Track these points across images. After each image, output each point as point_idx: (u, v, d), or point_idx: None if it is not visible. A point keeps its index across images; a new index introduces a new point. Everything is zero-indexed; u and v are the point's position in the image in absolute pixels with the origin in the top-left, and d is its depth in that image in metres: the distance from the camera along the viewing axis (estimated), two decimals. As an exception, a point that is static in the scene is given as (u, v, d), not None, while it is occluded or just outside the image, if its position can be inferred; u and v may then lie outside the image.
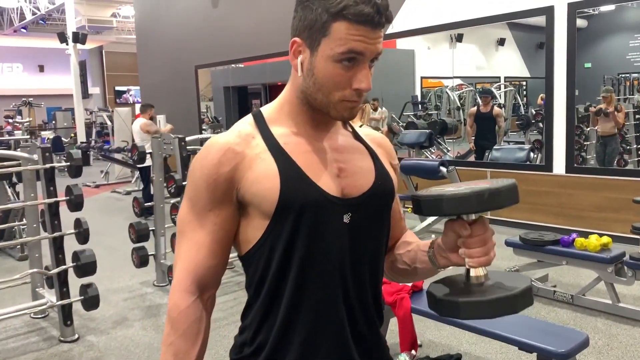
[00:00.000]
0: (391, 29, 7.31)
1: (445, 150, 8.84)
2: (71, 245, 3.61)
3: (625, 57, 6.92)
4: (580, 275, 4.32)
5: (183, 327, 1.03)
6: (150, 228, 4.52)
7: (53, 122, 16.92)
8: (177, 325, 1.03)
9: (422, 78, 9.78)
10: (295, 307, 1.02)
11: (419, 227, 5.95)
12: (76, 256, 3.52)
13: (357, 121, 4.39)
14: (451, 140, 9.01)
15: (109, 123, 13.95)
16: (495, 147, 6.95)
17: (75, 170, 3.52)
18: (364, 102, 4.41)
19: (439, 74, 9.59)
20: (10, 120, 15.00)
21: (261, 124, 1.05)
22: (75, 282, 3.66)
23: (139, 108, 8.47)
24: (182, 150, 4.45)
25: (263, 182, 0.99)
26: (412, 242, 1.20)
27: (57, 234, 3.51)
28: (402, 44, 9.23)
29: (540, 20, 5.84)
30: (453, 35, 8.48)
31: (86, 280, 3.61)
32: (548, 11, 5.69)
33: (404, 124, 9.17)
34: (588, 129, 6.39)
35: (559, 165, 5.80)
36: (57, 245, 3.52)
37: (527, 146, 6.70)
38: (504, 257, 4.44)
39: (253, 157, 1.01)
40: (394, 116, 9.36)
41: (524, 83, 9.28)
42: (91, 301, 3.58)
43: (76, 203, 3.51)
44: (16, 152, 3.86)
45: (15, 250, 5.64)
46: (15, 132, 13.59)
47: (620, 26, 7.03)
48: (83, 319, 3.87)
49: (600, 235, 3.77)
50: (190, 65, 10.80)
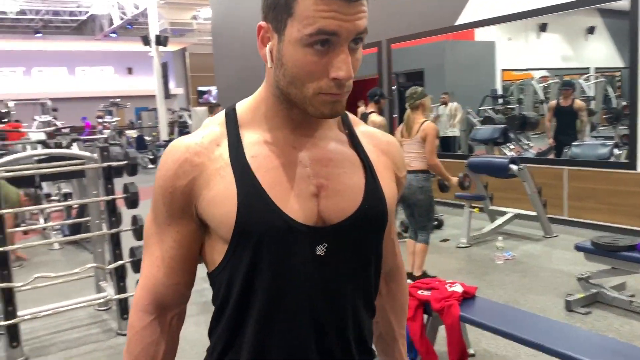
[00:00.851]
0: (468, 18, 7.00)
1: (526, 146, 8.37)
2: (131, 242, 3.72)
3: None
4: (664, 285, 3.92)
5: (137, 350, 0.95)
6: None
7: (139, 122, 17.84)
8: (131, 347, 0.95)
9: (503, 71, 9.33)
10: (261, 346, 0.89)
11: (489, 228, 5.66)
12: (132, 252, 3.62)
13: (421, 117, 4.20)
14: (536, 135, 8.51)
15: (190, 122, 14.50)
16: (574, 143, 6.47)
17: (131, 168, 3.63)
18: (422, 96, 4.20)
19: (522, 66, 9.11)
20: (99, 120, 15.94)
21: (231, 126, 0.91)
22: (134, 277, 3.77)
23: (208, 108, 8.69)
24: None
25: (219, 205, 0.86)
26: (394, 339, 1.14)
27: (114, 230, 3.63)
28: (481, 36, 8.87)
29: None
30: (536, 24, 8.03)
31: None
32: (633, -7, 5.20)
33: (482, 119, 8.79)
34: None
35: (645, 162, 5.30)
36: (115, 241, 3.65)
37: (610, 142, 6.17)
38: (576, 262, 4.11)
39: (212, 173, 0.87)
40: (471, 111, 8.98)
41: (618, 74, 8.62)
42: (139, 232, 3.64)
43: (132, 200, 3.62)
44: (79, 152, 4.04)
45: (91, 244, 5.94)
46: (104, 132, 14.42)
47: None
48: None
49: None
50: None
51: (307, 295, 0.88)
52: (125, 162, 3.63)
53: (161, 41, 14.35)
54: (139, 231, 3.70)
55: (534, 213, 5.58)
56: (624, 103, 6.70)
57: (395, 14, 7.85)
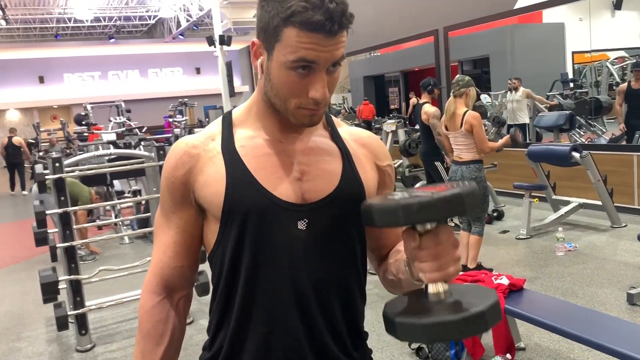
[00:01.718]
0: (532, 0, 6.74)
1: (599, 132, 7.95)
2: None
3: None
4: None
5: (147, 328, 1.04)
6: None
7: (207, 120, 18.42)
8: (142, 325, 1.05)
9: (574, 53, 8.91)
10: (245, 318, 0.98)
11: (551, 219, 5.46)
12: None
13: (463, 106, 4.12)
14: (611, 120, 8.06)
15: (253, 118, 14.80)
16: (646, 128, 6.10)
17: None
18: (468, 85, 4.12)
19: (595, 47, 8.67)
20: (170, 119, 16.59)
21: (226, 125, 1.03)
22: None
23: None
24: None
25: (210, 186, 0.98)
26: (401, 250, 1.07)
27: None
28: (549, 18, 8.53)
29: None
30: (610, 2, 7.65)
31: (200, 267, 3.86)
32: None
33: (549, 105, 8.43)
34: None
35: None
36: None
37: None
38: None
39: (206, 161, 0.99)
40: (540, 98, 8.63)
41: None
42: (203, 287, 3.82)
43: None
44: (138, 152, 4.26)
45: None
46: (175, 131, 15.03)
47: None
48: (200, 304, 4.17)
49: None
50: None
51: (289, 265, 0.96)
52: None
53: (225, 41, 14.71)
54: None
55: (600, 202, 5.33)
56: None
57: (450, 1, 7.68)
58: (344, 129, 1.10)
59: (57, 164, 3.52)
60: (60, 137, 12.86)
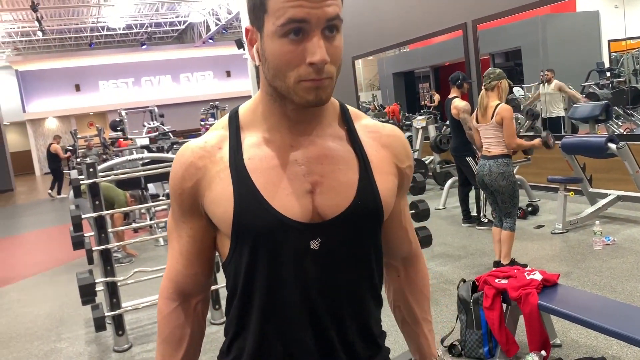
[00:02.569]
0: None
1: (639, 121, 7.70)
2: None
3: None
4: None
5: (166, 333, 1.05)
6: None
7: (237, 123, 18.56)
8: (161, 330, 1.06)
9: (610, 41, 8.66)
10: (263, 335, 0.97)
11: (587, 212, 5.32)
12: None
13: (495, 99, 4.05)
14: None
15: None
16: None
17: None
18: (500, 78, 4.04)
19: (632, 35, 8.39)
20: (202, 122, 16.82)
21: (233, 129, 0.98)
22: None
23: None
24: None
25: (219, 205, 0.94)
26: (417, 322, 1.16)
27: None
28: (583, 6, 8.33)
29: None
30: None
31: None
32: None
33: (585, 95, 8.22)
34: None
35: None
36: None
37: None
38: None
39: (214, 175, 0.94)
40: (572, 89, 8.43)
41: None
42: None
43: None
44: (170, 155, 4.33)
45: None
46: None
47: None
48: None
49: None
50: (347, 57, 11.01)
51: (303, 287, 0.93)
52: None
53: (253, 43, 14.81)
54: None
55: (639, 194, 5.16)
56: None
57: (478, -6, 7.56)
58: (363, 124, 1.03)
59: (91, 169, 3.61)
60: (97, 143, 13.22)
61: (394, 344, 2.90)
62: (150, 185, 7.75)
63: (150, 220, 7.01)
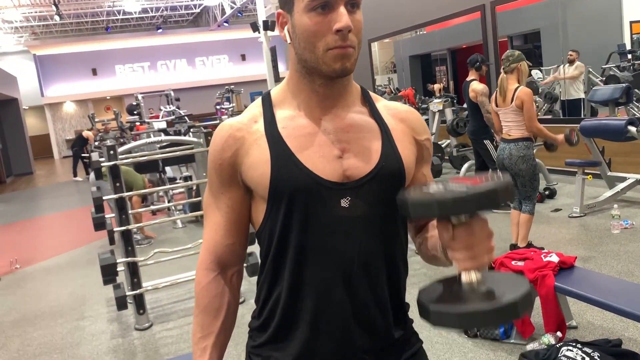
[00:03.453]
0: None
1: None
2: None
3: None
4: None
5: (205, 302, 1.09)
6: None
7: (253, 106, 18.59)
8: (200, 300, 1.10)
9: (632, 23, 8.51)
10: (295, 291, 1.02)
11: (606, 196, 5.28)
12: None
13: (515, 82, 4.02)
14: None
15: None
16: None
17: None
18: (519, 60, 4.00)
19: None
20: (217, 107, 16.88)
21: (267, 107, 1.07)
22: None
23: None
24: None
25: (257, 169, 1.01)
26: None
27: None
28: (605, -14, 8.19)
29: None
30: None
31: (248, 249, 3.97)
32: None
33: (604, 79, 8.10)
34: None
35: None
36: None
37: None
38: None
39: (251, 143, 1.03)
40: (591, 70, 8.31)
41: None
42: (252, 268, 3.92)
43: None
44: (188, 138, 4.38)
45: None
46: (222, 118, 15.28)
47: None
48: (251, 284, 4.28)
49: None
50: (363, 39, 10.92)
51: (333, 242, 1.01)
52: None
53: (269, 26, 14.78)
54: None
55: (659, 178, 5.11)
56: None
57: (497, -25, 7.45)
58: (382, 104, 1.12)
59: (112, 152, 3.67)
60: (114, 127, 13.40)
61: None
62: (167, 168, 7.83)
63: (168, 202, 7.10)
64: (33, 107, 22.56)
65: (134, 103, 12.33)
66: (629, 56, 8.22)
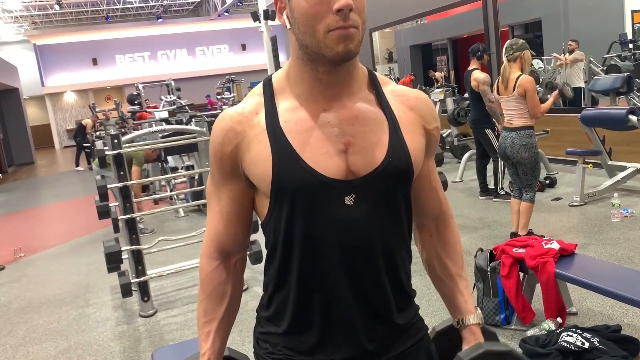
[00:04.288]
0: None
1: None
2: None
3: None
4: None
5: (209, 289, 1.11)
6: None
7: (254, 96, 18.56)
8: (204, 287, 1.12)
9: (634, 12, 8.48)
10: (304, 286, 1.03)
11: (606, 185, 5.31)
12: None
13: (517, 70, 4.03)
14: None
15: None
16: None
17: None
18: (522, 49, 4.00)
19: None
20: (218, 96, 16.85)
21: (268, 96, 1.03)
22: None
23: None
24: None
25: (258, 166, 0.99)
26: (452, 277, 1.18)
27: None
28: (607, -25, 8.17)
29: None
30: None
31: (251, 237, 4.01)
32: None
33: (605, 68, 8.09)
34: None
35: None
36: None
37: None
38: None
39: (252, 138, 1.00)
40: (592, 59, 8.30)
41: None
42: (256, 256, 3.96)
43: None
44: (190, 127, 4.40)
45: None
46: (223, 107, 15.26)
47: None
48: (254, 272, 4.32)
49: None
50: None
51: (338, 239, 0.99)
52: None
53: (269, 15, 14.72)
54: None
55: (660, 167, 5.13)
56: None
57: (500, -37, 7.42)
58: (390, 89, 1.07)
59: (116, 141, 3.70)
60: (114, 117, 13.41)
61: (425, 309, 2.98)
62: (169, 158, 7.85)
63: (170, 192, 7.13)
64: (33, 97, 22.54)
65: (135, 93, 12.31)
66: (630, 45, 8.20)
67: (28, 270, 5.42)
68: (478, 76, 5.38)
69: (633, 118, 4.87)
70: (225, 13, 19.57)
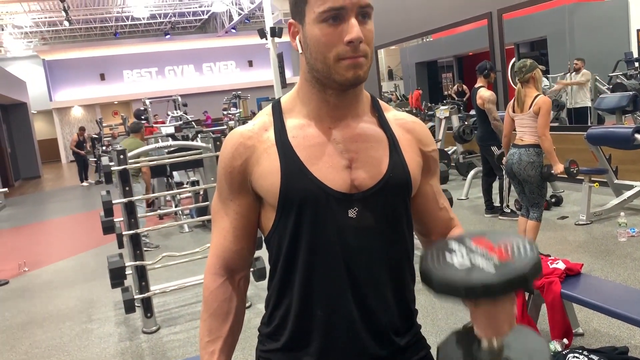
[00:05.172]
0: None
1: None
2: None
3: None
4: None
5: (213, 307, 1.10)
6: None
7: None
8: (208, 304, 1.11)
9: (639, 31, 8.51)
10: (305, 300, 1.04)
11: (612, 204, 5.28)
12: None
13: (533, 90, 4.01)
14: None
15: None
16: None
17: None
18: (533, 69, 4.01)
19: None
20: (224, 112, 16.95)
21: (277, 115, 1.08)
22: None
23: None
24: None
25: (267, 178, 1.03)
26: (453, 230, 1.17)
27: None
28: (613, -6, 8.22)
29: None
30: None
31: (255, 254, 3.99)
32: None
33: (611, 87, 8.10)
34: None
35: None
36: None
37: None
38: None
39: (261, 152, 1.04)
40: (598, 78, 8.31)
41: None
42: (259, 272, 3.94)
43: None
44: (196, 143, 4.42)
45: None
46: (229, 123, 15.34)
47: None
48: (257, 289, 4.30)
49: None
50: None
51: (342, 253, 1.02)
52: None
53: (276, 32, 14.85)
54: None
55: (667, 186, 5.10)
56: None
57: (504, -17, 7.48)
58: (391, 114, 1.13)
59: (122, 156, 3.71)
60: (121, 132, 13.49)
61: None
62: (174, 173, 7.88)
63: (175, 207, 7.14)
64: (41, 112, 22.72)
65: (142, 108, 12.40)
66: (636, 64, 8.22)
67: (32, 284, 5.42)
68: (483, 94, 5.38)
69: (639, 137, 4.86)
70: (232, 30, 19.75)
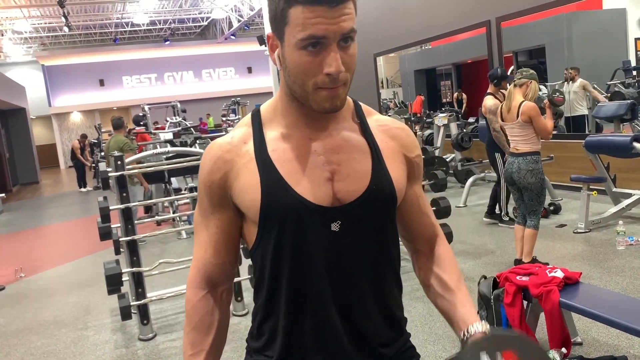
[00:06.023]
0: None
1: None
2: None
3: None
4: None
5: (195, 320, 1.09)
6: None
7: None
8: (190, 318, 1.10)
9: (637, 40, 8.55)
10: (293, 315, 1.03)
11: (611, 212, 5.27)
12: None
13: (520, 97, 4.04)
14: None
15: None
16: None
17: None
18: (531, 78, 4.02)
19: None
20: (224, 118, 16.96)
21: (256, 126, 1.05)
22: (246, 262, 4.05)
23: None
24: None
25: (247, 193, 1.00)
26: (450, 289, 1.12)
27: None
28: (610, 3, 8.25)
29: None
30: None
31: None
32: None
33: (609, 95, 8.12)
34: None
35: None
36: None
37: None
38: None
39: (241, 166, 1.02)
40: (596, 86, 8.33)
41: None
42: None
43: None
44: (194, 149, 4.41)
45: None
46: (228, 129, 15.33)
47: None
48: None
49: None
50: (369, 54, 10.99)
51: (326, 265, 1.00)
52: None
53: (275, 39, 14.86)
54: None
55: (665, 194, 5.10)
56: None
57: (503, -9, 7.50)
58: (374, 119, 1.10)
59: (119, 162, 3.70)
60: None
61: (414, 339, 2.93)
62: (172, 179, 7.86)
63: (173, 213, 7.12)
64: (40, 117, 22.72)
65: (141, 114, 12.39)
66: (634, 72, 8.25)
67: (28, 290, 5.39)
68: (487, 103, 5.34)
69: (637, 145, 4.86)
70: (231, 36, 19.80)
